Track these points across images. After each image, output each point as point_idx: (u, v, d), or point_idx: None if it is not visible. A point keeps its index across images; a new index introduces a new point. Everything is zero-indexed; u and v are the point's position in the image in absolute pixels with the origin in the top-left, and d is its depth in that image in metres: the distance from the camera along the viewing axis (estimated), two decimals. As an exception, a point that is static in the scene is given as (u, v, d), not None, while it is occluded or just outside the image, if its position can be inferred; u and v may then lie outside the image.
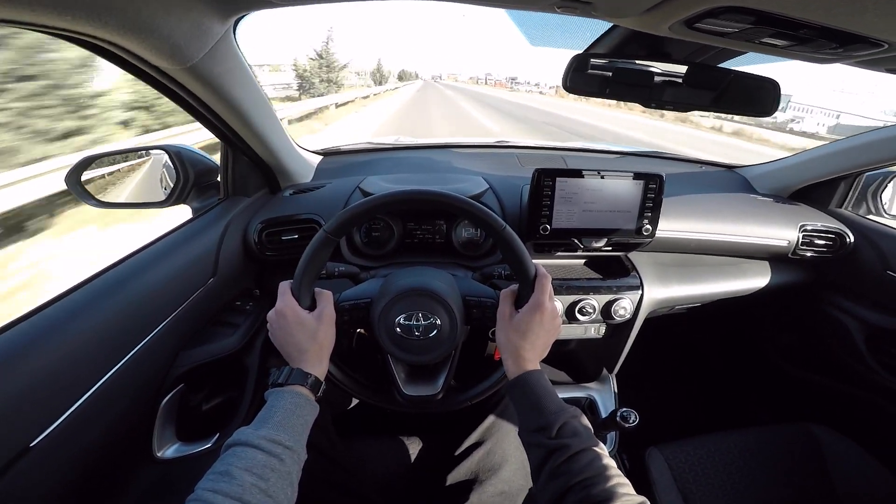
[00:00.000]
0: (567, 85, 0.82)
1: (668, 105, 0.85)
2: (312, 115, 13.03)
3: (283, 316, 0.67)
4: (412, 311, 0.72)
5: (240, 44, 0.77)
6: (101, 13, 0.50)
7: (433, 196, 0.71)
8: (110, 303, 0.70)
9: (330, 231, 0.69)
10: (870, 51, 0.53)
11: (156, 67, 0.66)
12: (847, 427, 1.10)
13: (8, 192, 3.68)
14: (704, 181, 1.51)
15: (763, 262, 1.32)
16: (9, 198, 3.69)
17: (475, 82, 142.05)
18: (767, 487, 0.99)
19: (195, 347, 0.87)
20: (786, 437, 1.09)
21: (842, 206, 1.36)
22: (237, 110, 0.85)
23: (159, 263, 0.82)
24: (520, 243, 0.70)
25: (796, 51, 0.57)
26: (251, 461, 0.51)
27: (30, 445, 0.54)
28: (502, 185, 1.18)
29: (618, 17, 0.59)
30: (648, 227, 1.08)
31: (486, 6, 0.61)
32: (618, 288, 1.13)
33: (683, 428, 1.18)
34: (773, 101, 0.79)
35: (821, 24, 0.47)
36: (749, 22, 0.49)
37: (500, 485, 0.84)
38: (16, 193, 3.75)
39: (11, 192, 3.71)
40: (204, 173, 1.03)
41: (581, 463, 0.54)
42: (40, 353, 0.58)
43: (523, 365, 0.66)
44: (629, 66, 0.83)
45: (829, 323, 1.35)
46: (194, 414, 0.91)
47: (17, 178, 3.78)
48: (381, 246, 1.10)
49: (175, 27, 0.59)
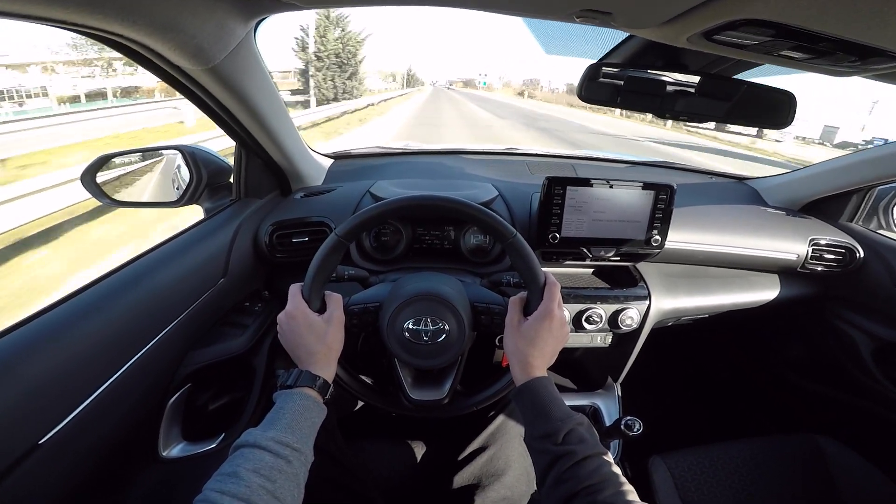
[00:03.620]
0: (582, 94, 0.82)
1: (681, 115, 0.85)
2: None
3: (293, 318, 0.68)
4: (421, 316, 0.72)
5: (259, 47, 0.78)
6: (130, 13, 0.51)
7: (444, 202, 0.72)
8: (122, 301, 0.70)
9: (341, 235, 0.69)
10: (889, 64, 0.53)
11: (177, 67, 0.67)
12: (853, 439, 1.09)
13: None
14: (714, 192, 1.51)
15: (772, 275, 1.31)
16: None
17: (516, 93, 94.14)
18: (771, 498, 0.98)
19: (204, 347, 0.87)
20: (790, 448, 1.08)
21: (853, 221, 1.35)
22: (254, 112, 0.86)
23: (171, 263, 0.82)
24: (530, 251, 0.70)
25: (814, 63, 0.57)
26: (259, 462, 0.51)
27: (38, 443, 0.55)
28: (512, 193, 1.18)
29: (636, 27, 0.59)
30: (658, 237, 1.08)
31: (506, 14, 0.62)
32: (625, 298, 1.13)
33: (687, 437, 1.17)
34: (788, 113, 0.79)
35: (840, 38, 0.47)
36: (768, 35, 0.49)
37: (503, 490, 0.84)
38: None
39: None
40: (217, 174, 1.04)
41: (587, 469, 0.54)
42: (52, 350, 0.59)
43: (531, 372, 0.66)
44: (642, 75, 0.83)
45: (837, 336, 1.34)
46: (200, 414, 0.91)
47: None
48: (389, 250, 1.10)
49: (200, 28, 0.60)
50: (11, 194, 3.71)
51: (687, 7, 0.47)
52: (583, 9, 0.53)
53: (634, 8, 0.53)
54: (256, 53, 0.78)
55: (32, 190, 3.89)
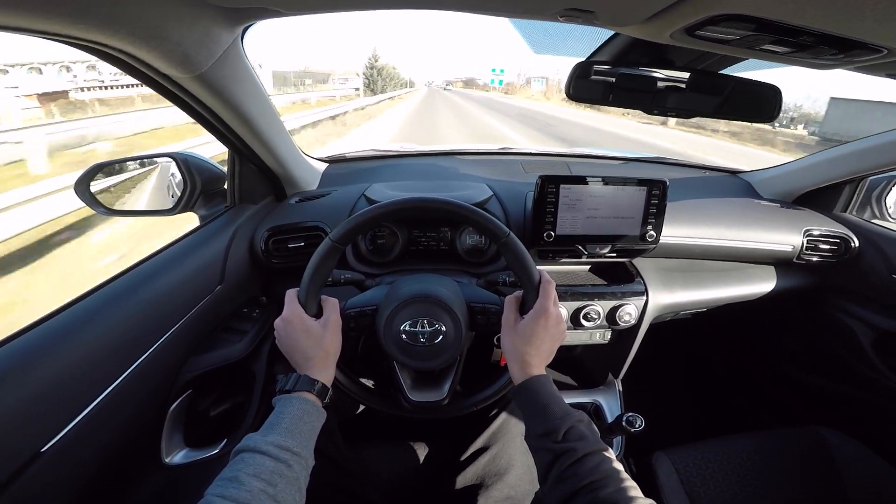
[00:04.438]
0: (570, 93, 0.83)
1: (671, 112, 0.86)
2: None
3: (289, 323, 0.68)
4: (417, 318, 0.73)
5: (247, 52, 0.79)
6: (112, 22, 0.51)
7: (438, 203, 0.72)
8: (120, 310, 0.70)
9: (336, 239, 0.70)
10: (869, 56, 0.53)
11: (165, 76, 0.68)
12: (856, 430, 1.09)
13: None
14: (708, 186, 1.52)
15: (768, 267, 1.32)
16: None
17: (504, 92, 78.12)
18: (777, 491, 0.98)
19: (203, 354, 0.87)
20: (794, 441, 1.08)
21: (846, 211, 1.36)
22: (244, 118, 0.86)
23: (168, 271, 0.83)
24: (524, 250, 0.71)
25: (797, 57, 0.58)
26: (259, 467, 0.51)
27: (40, 451, 0.55)
28: (506, 192, 1.18)
29: (620, 25, 0.59)
30: (653, 233, 1.08)
31: (490, 15, 0.62)
32: (622, 294, 1.13)
33: (690, 432, 1.17)
34: (774, 106, 0.80)
35: (820, 31, 0.48)
36: (749, 29, 0.50)
37: (506, 489, 0.84)
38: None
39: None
40: (211, 181, 1.05)
41: (588, 466, 0.54)
42: (51, 359, 0.59)
43: (529, 370, 0.66)
44: (632, 72, 0.84)
45: (835, 326, 1.35)
46: (202, 420, 0.91)
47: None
48: (385, 253, 1.11)
49: (185, 36, 0.61)
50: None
51: (667, 4, 0.48)
52: (566, 7, 0.54)
53: (616, 6, 0.53)
54: (244, 60, 0.79)
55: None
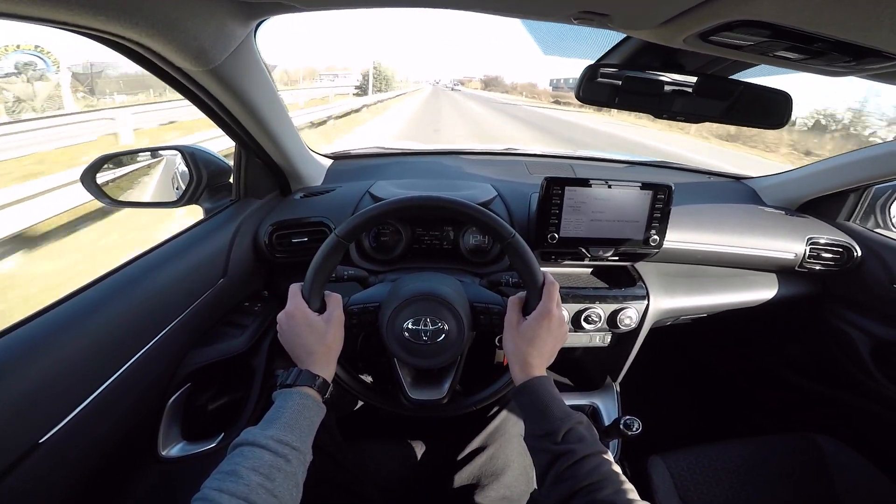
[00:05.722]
0: (580, 95, 0.83)
1: (679, 116, 0.86)
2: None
3: (292, 318, 0.68)
4: (420, 316, 0.73)
5: (259, 48, 0.79)
6: (132, 14, 0.51)
7: (444, 203, 0.72)
8: (122, 301, 0.70)
9: (341, 235, 0.69)
10: (883, 64, 0.53)
11: (179, 69, 0.68)
12: (852, 438, 1.09)
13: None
14: (712, 192, 1.51)
15: (770, 274, 1.31)
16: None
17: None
18: (770, 496, 0.98)
19: (203, 347, 0.87)
20: (789, 447, 1.08)
21: (850, 220, 1.36)
22: (254, 113, 0.86)
23: (171, 263, 0.82)
24: (529, 251, 0.71)
25: (809, 64, 0.58)
26: (258, 461, 0.51)
27: (39, 442, 0.55)
28: (511, 193, 1.18)
29: (634, 29, 0.59)
30: (656, 237, 1.08)
31: (503, 16, 0.62)
32: (624, 297, 1.13)
33: (687, 437, 1.17)
34: (785, 113, 0.80)
35: (835, 38, 0.47)
36: (764, 35, 0.49)
37: (502, 490, 0.84)
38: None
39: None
40: (216, 174, 1.05)
41: (586, 468, 0.54)
42: (52, 350, 0.59)
43: (530, 371, 0.66)
44: (640, 75, 0.84)
45: (835, 335, 1.35)
46: (200, 413, 0.91)
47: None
48: (389, 251, 1.11)
49: (201, 30, 0.61)
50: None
51: (684, 8, 0.47)
52: (580, 10, 0.54)
53: (632, 9, 0.53)
54: (257, 55, 0.79)
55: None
